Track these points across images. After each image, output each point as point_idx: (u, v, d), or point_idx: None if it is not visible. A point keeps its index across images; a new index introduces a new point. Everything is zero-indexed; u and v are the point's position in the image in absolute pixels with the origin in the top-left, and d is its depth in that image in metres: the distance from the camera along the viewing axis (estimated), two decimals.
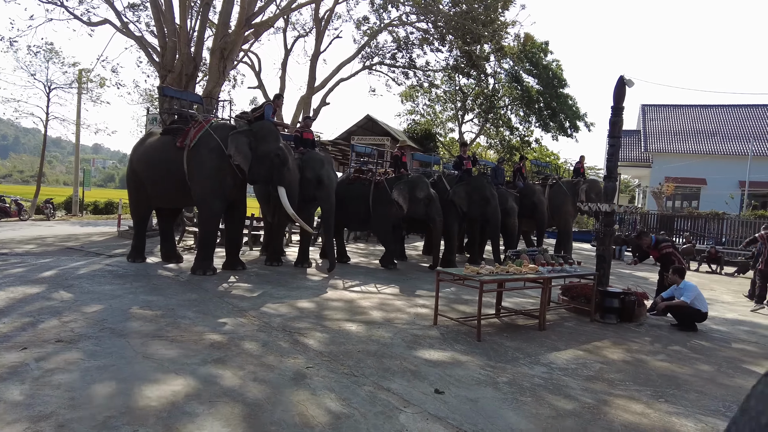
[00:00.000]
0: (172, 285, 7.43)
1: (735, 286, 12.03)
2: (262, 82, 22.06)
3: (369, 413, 3.47)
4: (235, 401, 3.52)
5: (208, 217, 8.59)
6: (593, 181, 14.39)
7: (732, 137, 27.12)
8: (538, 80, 26.91)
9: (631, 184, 39.27)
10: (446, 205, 11.01)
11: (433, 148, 26.30)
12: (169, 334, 4.96)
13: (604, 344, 5.75)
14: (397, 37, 21.83)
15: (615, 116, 7.82)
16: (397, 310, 6.72)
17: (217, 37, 14.22)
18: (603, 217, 7.86)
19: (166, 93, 9.85)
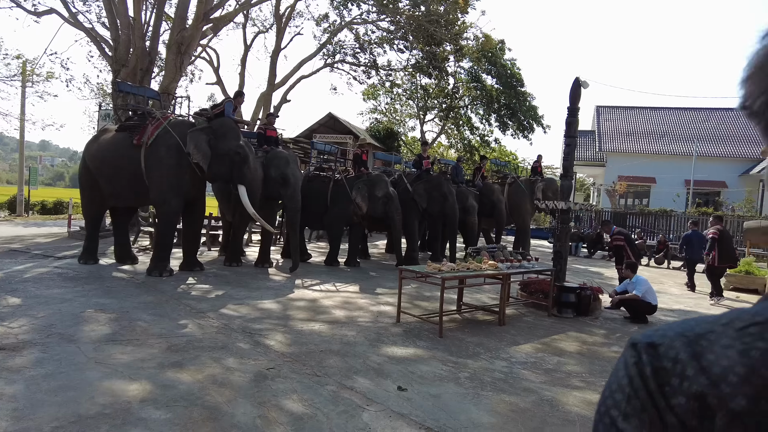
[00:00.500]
0: (126, 287, 7.17)
1: (681, 279, 12.61)
2: (220, 78, 21.58)
3: (332, 413, 3.45)
4: (193, 405, 3.42)
5: (165, 217, 8.35)
6: (550, 180, 14.79)
7: (679, 138, 28.46)
8: (497, 79, 27.42)
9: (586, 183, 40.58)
10: (407, 203, 11.12)
11: (395, 147, 26.41)
12: (123, 338, 4.78)
13: (561, 338, 5.92)
14: (358, 36, 21.78)
15: (571, 117, 8.06)
16: (360, 309, 6.71)
17: (173, 32, 13.79)
18: (559, 215, 8.09)
19: (122, 88, 9.46)
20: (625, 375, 0.48)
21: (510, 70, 27.22)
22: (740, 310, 0.48)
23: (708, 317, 0.48)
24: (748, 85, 0.47)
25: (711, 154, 26.57)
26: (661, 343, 0.47)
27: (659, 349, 0.47)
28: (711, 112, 30.01)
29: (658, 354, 0.47)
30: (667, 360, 0.46)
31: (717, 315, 0.48)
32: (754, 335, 0.43)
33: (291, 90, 21.05)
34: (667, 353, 0.46)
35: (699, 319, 0.49)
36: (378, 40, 21.54)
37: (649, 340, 0.49)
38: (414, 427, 3.33)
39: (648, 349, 0.48)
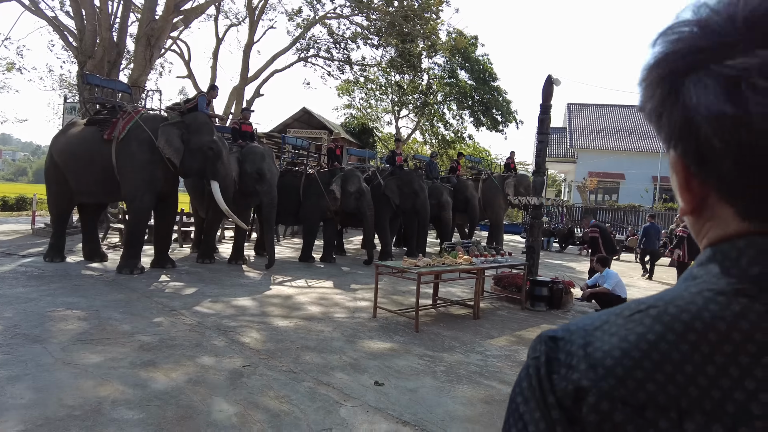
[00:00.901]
0: (95, 285, 6.98)
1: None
2: (191, 72, 21.13)
3: (309, 409, 3.44)
4: (167, 404, 3.37)
5: (137, 213, 8.17)
6: (522, 176, 15.04)
7: (646, 135, 29.26)
8: (470, 74, 27.62)
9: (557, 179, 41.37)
10: (380, 200, 11.18)
11: (370, 143, 26.37)
12: (93, 337, 4.66)
13: (534, 330, 6.03)
14: (331, 31, 21.62)
15: (543, 114, 8.20)
16: (336, 305, 6.70)
17: (142, 23, 13.42)
18: (531, 210, 8.23)
19: (90, 81, 9.16)
20: (526, 366, 0.51)
21: (483, 66, 27.46)
22: (637, 300, 0.50)
23: (613, 309, 0.51)
24: (641, 90, 0.51)
25: None
26: (562, 336, 0.49)
27: (559, 343, 0.49)
28: None
29: (556, 347, 0.49)
30: (561, 352, 0.48)
31: (621, 306, 0.50)
32: (635, 321, 0.46)
33: (264, 84, 20.78)
34: (563, 346, 0.48)
35: (605, 312, 0.50)
36: (352, 36, 21.44)
37: (552, 334, 0.51)
38: (391, 422, 3.34)
39: (548, 342, 0.50)
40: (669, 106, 0.47)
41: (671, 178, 0.54)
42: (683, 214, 0.53)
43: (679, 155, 0.49)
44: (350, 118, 29.63)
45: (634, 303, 0.49)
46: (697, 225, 0.52)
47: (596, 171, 27.13)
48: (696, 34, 0.46)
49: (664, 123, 0.48)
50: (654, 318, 0.45)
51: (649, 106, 0.50)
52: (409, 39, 19.43)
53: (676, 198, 0.54)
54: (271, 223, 9.53)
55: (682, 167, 0.49)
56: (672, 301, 0.46)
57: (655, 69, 0.49)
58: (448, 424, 3.36)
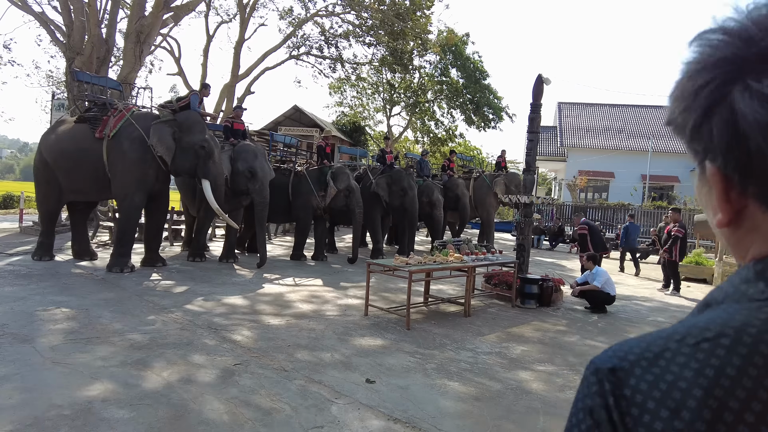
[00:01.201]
0: (85, 284, 6.93)
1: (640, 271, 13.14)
2: (182, 69, 20.98)
3: (300, 407, 3.45)
4: (158, 403, 3.36)
5: (127, 211, 8.13)
6: (512, 174, 15.12)
7: (636, 134, 29.52)
8: (461, 73, 27.68)
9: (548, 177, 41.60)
10: (372, 197, 11.22)
11: (362, 141, 26.35)
12: (82, 336, 4.63)
13: (525, 328, 6.09)
14: (323, 29, 21.55)
15: (533, 112, 8.25)
16: (327, 303, 6.71)
17: (131, 19, 13.30)
18: (522, 208, 8.28)
19: (80, 78, 9.06)
20: (588, 404, 0.47)
21: (474, 64, 27.53)
22: (691, 323, 0.47)
23: (663, 332, 0.48)
24: (674, 101, 0.51)
25: (665, 150, 27.68)
26: (621, 367, 0.47)
27: (619, 374, 0.46)
28: (664, 110, 31.06)
29: (619, 381, 0.46)
30: (627, 388, 0.45)
31: (671, 329, 0.48)
32: (706, 351, 0.43)
33: (255, 82, 20.69)
34: (627, 380, 0.45)
35: (656, 336, 0.48)
36: (343, 34, 21.39)
37: (610, 365, 0.47)
38: (382, 419, 3.37)
39: (609, 376, 0.47)
40: (711, 117, 0.46)
41: (700, 190, 0.53)
42: (720, 226, 0.50)
43: (719, 166, 0.48)
44: (342, 116, 29.59)
45: (691, 328, 0.46)
46: (735, 236, 0.50)
47: (586, 169, 27.32)
48: (737, 45, 0.45)
49: (704, 134, 0.47)
50: (729, 349, 0.42)
51: (682, 118, 0.49)
52: (401, 37, 19.43)
53: (707, 210, 0.53)
54: (263, 222, 9.50)
55: (721, 178, 0.48)
56: (742, 328, 0.43)
57: (693, 80, 0.48)
58: (439, 421, 3.39)
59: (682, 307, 8.19)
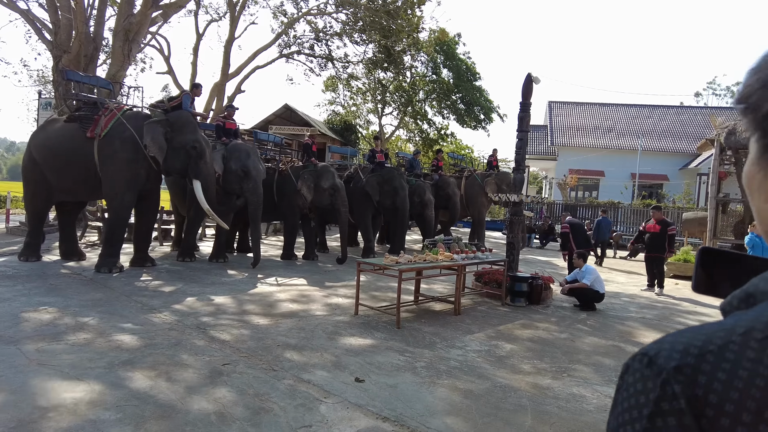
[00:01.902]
0: (72, 284, 6.86)
1: (627, 267, 13.25)
2: (171, 68, 20.82)
3: (289, 406, 3.44)
4: (146, 404, 3.34)
5: (117, 211, 8.09)
6: (503, 173, 15.19)
7: (625, 133, 29.72)
8: (453, 73, 27.75)
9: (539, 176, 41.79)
10: (362, 197, 11.21)
11: (353, 140, 26.32)
12: (69, 338, 4.59)
13: (514, 326, 6.11)
14: (315, 28, 21.49)
15: (523, 111, 8.29)
16: (317, 302, 6.70)
17: (120, 17, 13.16)
18: (511, 207, 8.32)
19: (70, 77, 8.97)
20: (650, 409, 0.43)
21: (465, 64, 27.61)
22: (752, 316, 0.45)
23: (715, 324, 0.46)
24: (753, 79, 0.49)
25: (654, 148, 27.92)
26: (687, 363, 0.43)
27: (686, 372, 0.43)
28: (653, 109, 31.52)
29: (689, 380, 0.42)
30: (699, 388, 0.42)
31: (725, 322, 0.46)
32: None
33: (245, 80, 20.59)
34: (696, 378, 0.42)
35: (713, 328, 0.45)
36: (335, 33, 21.33)
37: (675, 363, 0.44)
38: (371, 418, 3.37)
39: (677, 376, 0.43)
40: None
41: (755, 174, 0.51)
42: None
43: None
44: (333, 115, 29.52)
45: (753, 322, 0.44)
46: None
47: (576, 168, 27.48)
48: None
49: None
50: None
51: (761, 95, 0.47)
52: (392, 35, 19.42)
53: (757, 194, 0.52)
54: (257, 221, 9.48)
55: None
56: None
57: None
58: (428, 419, 3.39)
59: (670, 305, 8.26)
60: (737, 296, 0.51)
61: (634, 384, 0.46)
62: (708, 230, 11.23)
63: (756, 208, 0.53)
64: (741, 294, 0.50)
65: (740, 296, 0.50)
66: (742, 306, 0.49)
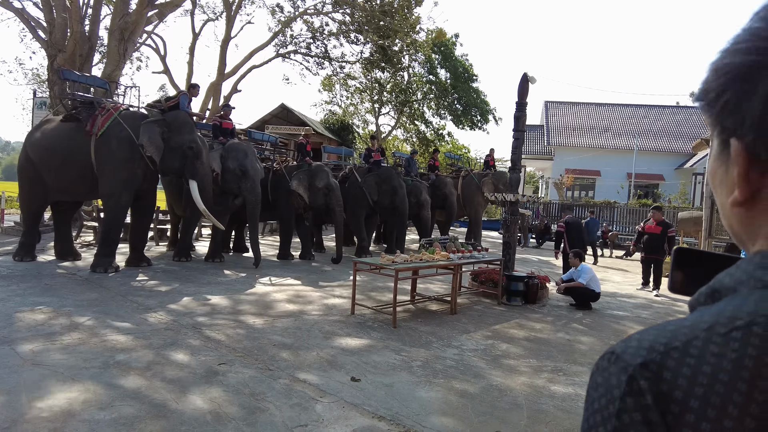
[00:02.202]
0: (67, 284, 6.83)
1: (623, 267, 13.31)
2: (167, 67, 20.76)
3: (285, 406, 3.44)
4: (141, 404, 3.33)
5: (113, 211, 8.07)
6: (500, 173, 15.20)
7: (621, 133, 29.79)
8: (450, 74, 27.77)
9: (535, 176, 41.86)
10: (357, 196, 11.21)
11: (350, 140, 26.30)
12: (64, 338, 4.57)
13: (510, 325, 6.12)
14: (312, 27, 21.45)
15: (519, 111, 8.29)
16: (314, 302, 6.69)
17: (115, 16, 13.12)
18: (508, 206, 8.33)
19: (67, 77, 8.93)
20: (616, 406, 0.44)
21: (462, 65, 27.64)
22: (715, 311, 0.46)
23: (681, 321, 0.47)
24: (711, 75, 0.50)
25: (650, 148, 27.99)
26: (652, 360, 0.44)
27: (652, 368, 0.43)
28: (649, 109, 31.60)
29: (654, 376, 0.43)
30: (663, 383, 0.43)
31: (690, 318, 0.47)
32: (740, 340, 0.42)
33: (242, 80, 20.54)
34: (661, 374, 0.43)
35: (677, 325, 0.46)
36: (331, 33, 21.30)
37: (641, 360, 0.44)
38: (367, 417, 3.37)
39: (643, 372, 0.43)
40: (753, 95, 0.46)
41: (717, 170, 0.52)
42: (735, 205, 0.50)
43: (746, 144, 0.47)
44: (330, 115, 29.49)
45: (720, 317, 0.45)
46: (748, 216, 0.50)
47: (573, 168, 27.54)
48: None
49: (744, 110, 0.46)
50: (763, 337, 0.41)
51: (718, 92, 0.49)
52: (388, 35, 19.41)
53: (720, 189, 0.53)
54: (255, 220, 9.49)
55: (746, 157, 0.48)
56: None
57: (735, 56, 0.48)
58: (423, 418, 3.40)
59: (666, 304, 8.29)
60: (703, 292, 0.52)
61: (602, 383, 0.47)
62: (703, 230, 11.25)
63: (720, 203, 0.54)
64: (707, 290, 0.52)
65: (706, 292, 0.51)
66: (708, 301, 0.50)
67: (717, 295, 0.50)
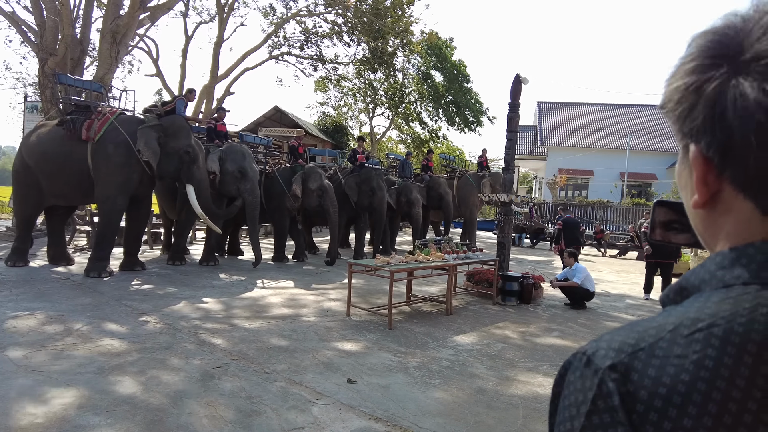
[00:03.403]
0: (61, 289, 6.79)
1: (617, 266, 13.37)
2: (160, 70, 20.70)
3: (281, 408, 3.43)
4: (136, 408, 3.32)
5: (108, 215, 8.05)
6: (496, 174, 15.25)
7: (614, 133, 29.99)
8: (444, 76, 27.86)
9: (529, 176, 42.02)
10: (339, 197, 11.22)
11: (344, 142, 26.30)
12: (58, 343, 4.54)
13: (505, 325, 6.14)
14: (305, 28, 21.45)
15: (512, 112, 8.33)
16: (309, 305, 6.68)
17: (107, 19, 13.07)
18: (502, 207, 8.36)
19: (62, 81, 8.87)
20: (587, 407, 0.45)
21: (456, 68, 27.73)
22: (680, 312, 0.47)
23: (650, 322, 0.48)
24: (668, 84, 0.53)
25: (642, 147, 28.19)
26: (620, 361, 0.45)
27: (620, 370, 0.45)
28: (641, 108, 31.81)
29: (622, 378, 0.44)
30: (630, 383, 0.44)
31: (659, 318, 0.48)
32: (702, 341, 0.43)
33: (235, 82, 20.51)
34: (628, 375, 0.44)
35: (644, 326, 0.47)
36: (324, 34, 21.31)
37: (609, 362, 0.45)
38: (363, 418, 3.37)
39: (611, 374, 0.45)
40: (701, 100, 0.48)
41: (681, 173, 0.55)
42: (696, 207, 0.52)
43: (701, 148, 0.49)
44: (324, 117, 29.48)
45: (684, 318, 0.46)
46: (708, 218, 0.52)
47: (566, 168, 27.67)
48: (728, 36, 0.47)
49: (696, 116, 0.49)
50: (722, 339, 0.42)
51: (676, 99, 0.51)
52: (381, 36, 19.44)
53: (684, 192, 0.55)
54: (255, 221, 9.53)
55: (703, 160, 0.49)
56: (732, 318, 0.43)
57: (689, 64, 0.50)
58: (420, 419, 3.40)
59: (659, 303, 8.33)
60: (673, 289, 0.54)
61: (574, 382, 0.48)
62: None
63: (685, 205, 0.56)
64: (675, 287, 0.54)
65: (675, 289, 0.54)
66: (677, 298, 0.53)
67: (685, 293, 0.52)
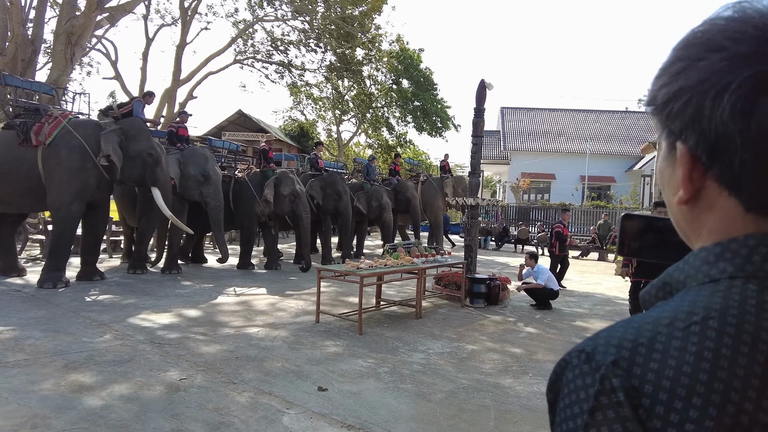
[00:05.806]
0: (12, 302, 6.44)
1: (580, 267, 13.74)
2: (119, 73, 20.03)
3: (250, 419, 3.35)
4: (96, 425, 3.16)
5: (63, 222, 7.69)
6: (459, 178, 15.49)
7: (574, 137, 30.89)
8: (412, 83, 28.06)
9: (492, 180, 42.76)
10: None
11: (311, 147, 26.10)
12: (8, 359, 4.29)
13: (474, 327, 6.20)
14: (272, 36, 21.20)
15: (477, 117, 8.45)
16: (278, 311, 6.57)
17: (61, 19, 12.57)
18: (468, 210, 8.46)
19: (8, 82, 8.43)
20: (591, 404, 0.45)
21: (424, 76, 28.00)
22: (673, 307, 0.48)
23: (642, 317, 0.48)
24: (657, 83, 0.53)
25: (601, 151, 29.11)
26: (622, 357, 0.45)
27: (623, 365, 0.45)
28: (600, 114, 32.92)
29: (625, 373, 0.44)
30: (634, 378, 0.44)
31: (650, 314, 0.48)
32: (699, 334, 0.44)
33: (198, 86, 20.07)
34: (631, 370, 0.44)
35: (640, 321, 0.48)
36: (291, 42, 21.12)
37: (612, 358, 0.45)
38: (335, 426, 3.32)
39: (615, 370, 0.45)
40: (687, 105, 0.48)
41: (665, 170, 0.55)
42: (680, 203, 0.53)
43: (689, 146, 0.50)
44: (289, 121, 29.19)
45: (679, 312, 0.47)
46: (691, 214, 0.53)
47: (528, 171, 28.28)
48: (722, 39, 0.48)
49: (685, 115, 0.49)
50: (718, 330, 0.43)
51: (666, 96, 0.51)
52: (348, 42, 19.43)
53: (667, 189, 0.55)
54: (219, 224, 9.40)
55: (690, 158, 0.50)
56: (725, 310, 0.45)
57: (678, 64, 0.50)
58: (392, 425, 3.38)
59: (623, 301, 8.60)
60: (655, 285, 0.55)
61: (574, 380, 0.47)
62: None
63: (667, 201, 0.57)
64: (658, 283, 0.55)
65: (657, 285, 0.55)
66: (660, 295, 0.54)
67: (668, 288, 0.53)
